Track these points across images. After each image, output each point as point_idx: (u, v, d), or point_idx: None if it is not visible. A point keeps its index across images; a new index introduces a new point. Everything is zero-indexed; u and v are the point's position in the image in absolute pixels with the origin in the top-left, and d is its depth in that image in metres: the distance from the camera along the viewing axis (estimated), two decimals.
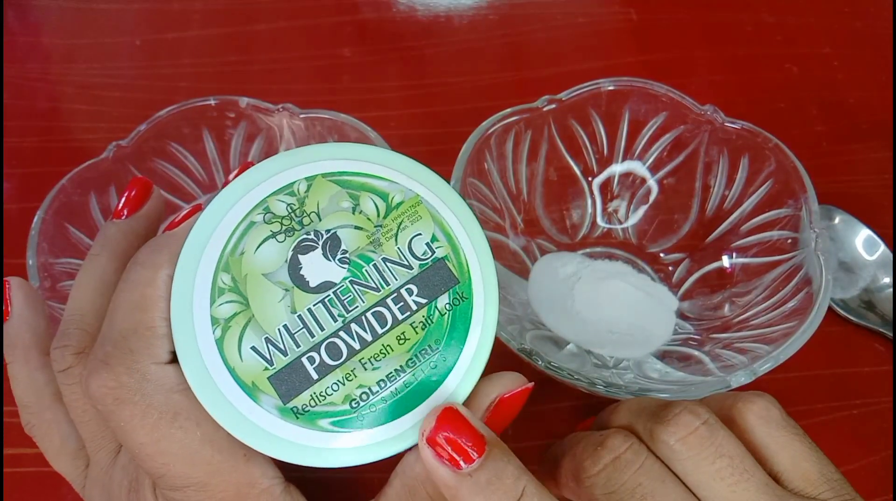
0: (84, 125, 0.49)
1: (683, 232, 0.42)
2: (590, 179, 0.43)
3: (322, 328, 0.24)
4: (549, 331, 0.38)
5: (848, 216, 0.43)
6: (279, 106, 0.38)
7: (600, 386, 0.32)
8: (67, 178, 0.36)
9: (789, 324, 0.34)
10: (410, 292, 0.24)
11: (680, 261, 0.41)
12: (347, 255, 0.25)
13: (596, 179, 0.43)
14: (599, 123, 0.41)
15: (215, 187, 0.41)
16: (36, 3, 0.55)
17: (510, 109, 0.39)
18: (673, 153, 0.41)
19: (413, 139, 0.48)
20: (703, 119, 0.40)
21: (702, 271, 0.40)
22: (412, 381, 0.24)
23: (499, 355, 0.26)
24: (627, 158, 0.42)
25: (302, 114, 0.38)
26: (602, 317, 0.39)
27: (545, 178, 0.42)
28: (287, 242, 0.24)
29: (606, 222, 0.43)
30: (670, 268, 0.41)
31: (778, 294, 0.36)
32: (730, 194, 0.40)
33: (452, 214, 0.26)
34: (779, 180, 0.38)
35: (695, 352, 0.37)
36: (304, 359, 0.24)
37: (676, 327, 0.39)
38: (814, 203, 0.36)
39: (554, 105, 0.40)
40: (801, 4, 0.55)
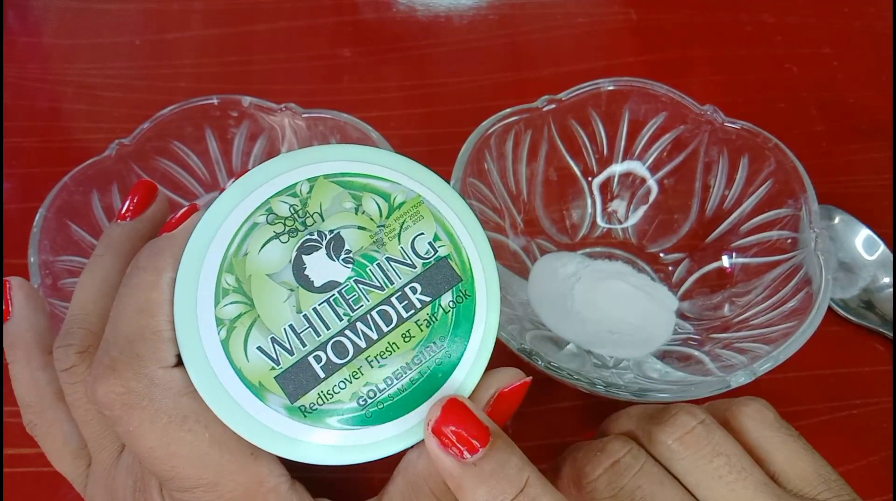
0: (84, 125, 0.49)
1: (683, 232, 0.42)
2: (590, 179, 0.43)
3: (328, 327, 0.24)
4: (549, 331, 0.38)
5: (848, 216, 0.43)
6: (282, 105, 0.38)
7: (600, 386, 0.32)
8: (69, 176, 0.36)
9: (789, 324, 0.34)
10: (414, 290, 0.25)
11: (680, 261, 0.41)
12: (351, 255, 0.25)
13: (596, 180, 0.43)
14: (599, 123, 0.41)
15: (217, 186, 0.41)
16: (36, 3, 0.55)
17: (510, 110, 0.39)
18: (673, 153, 0.41)
19: (413, 139, 0.48)
20: (703, 119, 0.40)
21: (701, 271, 0.40)
22: (418, 378, 0.24)
23: (499, 355, 0.26)
24: (627, 158, 0.42)
25: (304, 114, 0.38)
26: (602, 317, 0.39)
27: (545, 178, 0.42)
28: (291, 242, 0.25)
29: (606, 222, 0.43)
30: (670, 268, 0.41)
31: (778, 294, 0.36)
32: (730, 194, 0.40)
33: (453, 213, 0.26)
34: (778, 180, 0.38)
35: (695, 352, 0.37)
36: (311, 358, 0.24)
37: (676, 327, 0.39)
38: (813, 203, 0.36)
39: (554, 105, 0.40)
40: (801, 4, 0.56)
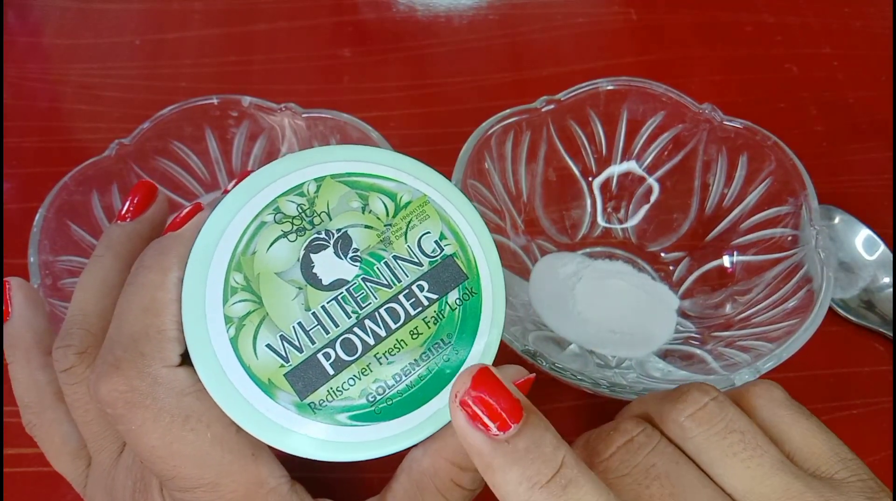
0: (84, 125, 0.49)
1: (683, 231, 0.42)
2: (589, 179, 0.43)
3: (336, 325, 0.24)
4: (551, 332, 0.38)
5: (848, 216, 0.43)
6: (282, 105, 0.39)
7: (604, 387, 0.32)
8: (69, 176, 0.36)
9: (791, 322, 0.34)
10: (421, 288, 0.25)
11: (680, 260, 0.41)
12: (359, 253, 0.25)
13: (595, 180, 0.43)
14: (598, 123, 0.41)
15: (217, 186, 0.41)
16: (36, 3, 0.55)
17: (509, 110, 0.39)
18: (672, 152, 0.41)
19: (413, 139, 0.48)
20: (702, 118, 0.40)
21: (702, 269, 0.40)
22: (426, 374, 0.25)
23: (503, 357, 0.26)
24: (626, 158, 0.42)
25: (304, 114, 0.38)
26: (603, 317, 0.39)
27: (545, 178, 0.42)
28: (298, 241, 0.25)
29: (606, 221, 0.43)
30: (671, 267, 0.41)
31: (779, 292, 0.36)
32: (729, 193, 0.40)
33: (458, 212, 0.26)
34: (778, 178, 0.38)
35: (697, 351, 0.37)
36: (320, 355, 0.24)
37: (678, 326, 0.39)
38: (813, 201, 0.36)
39: (552, 106, 0.40)
40: (801, 4, 0.56)
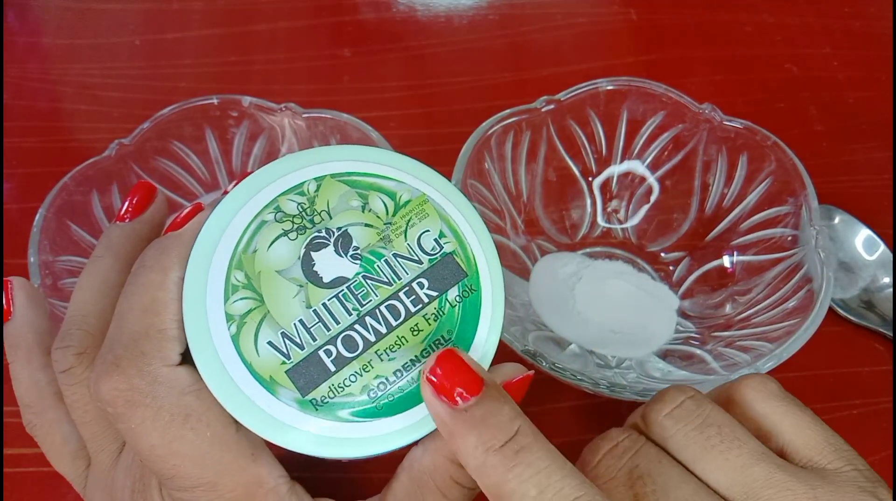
0: (84, 125, 0.49)
1: (683, 231, 0.42)
2: (589, 179, 0.43)
3: (337, 322, 0.24)
4: (551, 332, 0.38)
5: (848, 216, 0.43)
6: (282, 105, 0.39)
7: (604, 387, 0.32)
8: (69, 176, 0.36)
9: (791, 322, 0.34)
10: (422, 285, 0.25)
11: (680, 260, 0.41)
12: (359, 251, 0.25)
13: (595, 180, 0.43)
14: (598, 123, 0.41)
15: (217, 186, 0.41)
16: (36, 3, 0.55)
17: (509, 110, 0.39)
18: (672, 152, 0.41)
19: (413, 139, 0.48)
20: (702, 118, 0.40)
21: (702, 269, 0.41)
22: None
23: (503, 357, 0.26)
24: (626, 158, 0.42)
25: (304, 114, 0.38)
26: (603, 317, 0.39)
27: (544, 178, 0.42)
28: (299, 239, 0.25)
29: (606, 221, 0.43)
30: (670, 267, 0.41)
31: (779, 292, 0.36)
32: (729, 193, 0.40)
33: (457, 211, 0.26)
34: (778, 178, 0.38)
35: (697, 351, 0.37)
36: (321, 352, 0.24)
37: (678, 326, 0.39)
38: (813, 200, 0.36)
39: (552, 106, 0.40)
40: (801, 4, 0.56)
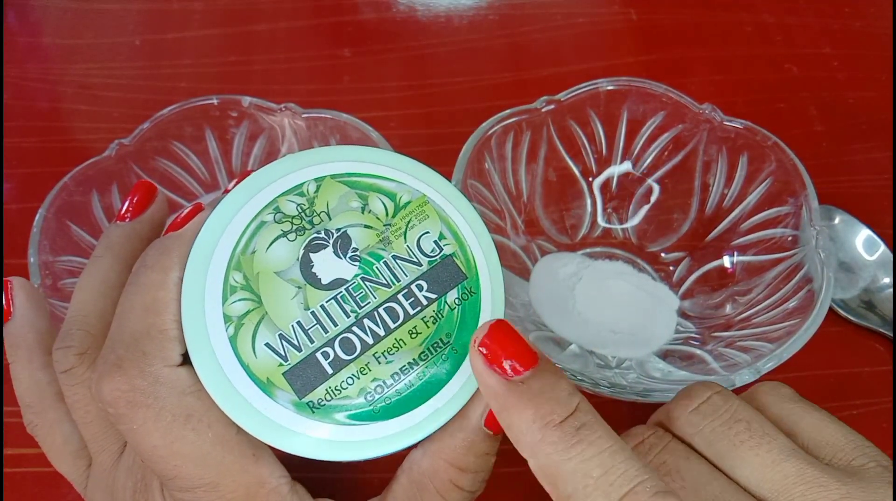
0: (84, 125, 0.49)
1: (683, 231, 0.42)
2: (589, 179, 0.43)
3: (335, 324, 0.24)
4: (551, 332, 0.38)
5: (848, 216, 0.43)
6: (282, 105, 0.39)
7: (605, 387, 0.32)
8: (69, 176, 0.36)
9: (791, 322, 0.34)
10: (421, 287, 0.25)
11: (680, 260, 0.41)
12: (358, 253, 0.25)
13: (595, 180, 0.43)
14: (598, 123, 0.41)
15: (217, 186, 0.41)
16: (36, 3, 0.55)
17: (509, 111, 0.39)
18: (672, 152, 0.41)
19: (413, 139, 0.48)
20: (702, 118, 0.40)
21: (702, 269, 0.40)
22: (426, 373, 0.25)
23: None
24: (626, 158, 0.42)
25: (304, 114, 0.38)
26: (603, 317, 0.39)
27: (545, 178, 0.42)
28: (298, 240, 0.25)
29: (606, 221, 0.43)
30: (671, 267, 0.41)
31: (779, 292, 0.36)
32: (729, 193, 0.40)
33: (458, 213, 0.26)
34: (778, 178, 0.38)
35: (697, 351, 0.37)
36: (319, 354, 0.24)
37: (678, 326, 0.39)
38: (813, 201, 0.36)
39: (552, 106, 0.40)
40: (801, 4, 0.56)
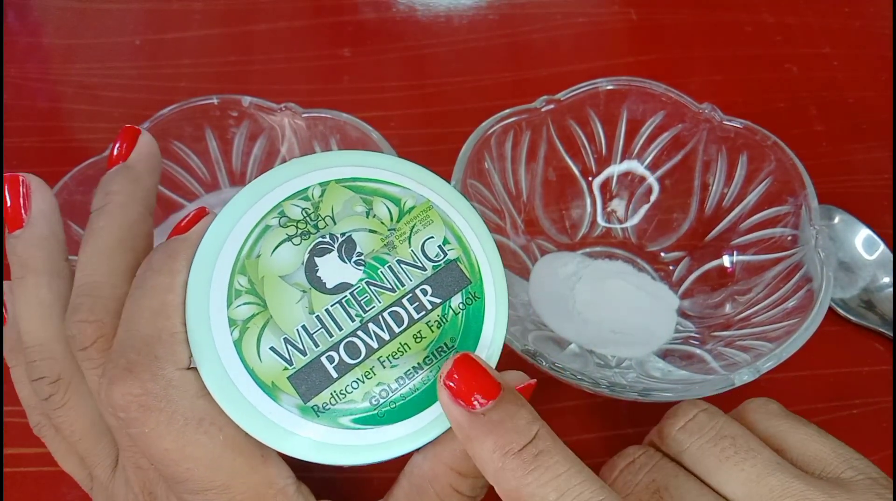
0: (84, 125, 0.49)
1: (683, 231, 0.42)
2: (589, 179, 0.43)
3: (340, 328, 0.24)
4: (551, 331, 0.38)
5: (848, 216, 0.43)
6: (282, 105, 0.39)
7: (604, 386, 0.32)
8: (70, 176, 0.36)
9: (791, 322, 0.34)
10: (425, 292, 0.25)
11: (680, 260, 0.41)
12: (363, 257, 0.25)
13: (595, 179, 0.43)
14: (598, 122, 0.41)
15: (217, 186, 0.41)
16: (36, 3, 0.55)
17: (509, 110, 0.39)
18: (671, 152, 0.41)
19: (413, 139, 0.48)
20: (702, 118, 0.40)
21: (702, 269, 0.40)
22: (430, 378, 0.25)
23: (502, 356, 0.26)
24: (626, 158, 0.42)
25: (304, 113, 0.38)
26: (603, 317, 0.39)
27: (544, 178, 0.42)
28: (303, 245, 0.25)
29: (606, 221, 0.43)
30: (670, 267, 0.41)
31: (779, 292, 0.36)
32: (728, 192, 0.40)
33: (461, 217, 0.26)
34: (778, 178, 0.38)
35: (697, 351, 0.37)
36: (324, 358, 0.24)
37: (678, 325, 0.39)
38: (813, 200, 0.36)
39: (552, 105, 0.40)
40: (801, 4, 0.56)
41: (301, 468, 0.26)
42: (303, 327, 0.24)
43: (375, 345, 0.24)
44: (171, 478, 0.24)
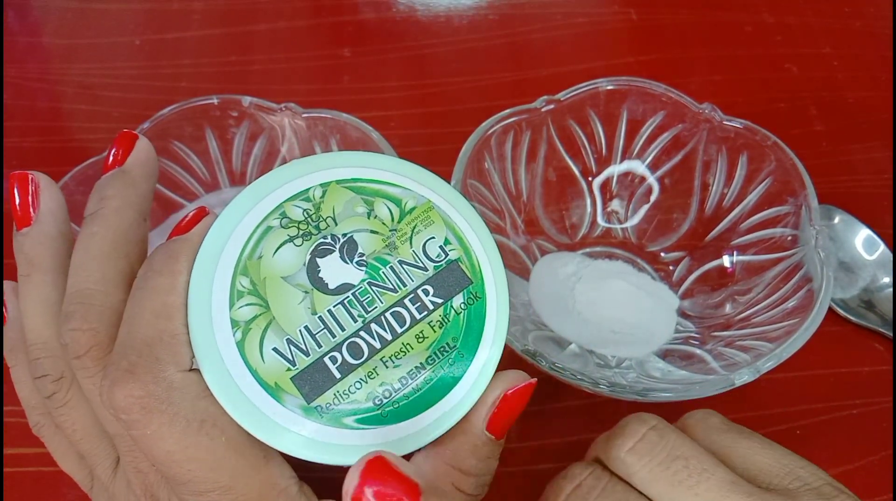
0: (84, 125, 0.49)
1: (683, 231, 0.42)
2: (589, 179, 0.43)
3: (343, 329, 0.24)
4: (551, 331, 0.38)
5: (848, 216, 0.43)
6: (282, 105, 0.39)
7: (604, 387, 0.32)
8: (69, 176, 0.36)
9: (791, 322, 0.34)
10: (427, 292, 0.25)
11: (680, 260, 0.41)
12: (364, 258, 0.25)
13: (595, 179, 0.43)
14: (598, 123, 0.41)
15: (218, 186, 0.41)
16: (36, 3, 0.55)
17: (509, 110, 0.39)
18: (671, 152, 0.41)
19: (413, 139, 0.48)
20: (702, 118, 0.40)
21: (702, 269, 0.41)
22: (432, 377, 0.25)
23: (502, 355, 0.26)
24: (626, 158, 0.42)
25: (304, 113, 0.38)
26: (603, 317, 0.39)
27: (544, 178, 0.42)
28: (305, 245, 0.25)
29: (606, 221, 0.43)
30: (670, 267, 0.41)
31: (779, 292, 0.36)
32: (728, 192, 0.40)
33: (462, 218, 0.26)
34: (778, 178, 0.38)
35: (697, 351, 0.37)
36: (327, 359, 0.24)
37: (678, 325, 0.39)
38: (813, 200, 0.36)
39: (552, 105, 0.40)
40: (801, 4, 0.56)
41: (303, 468, 0.26)
42: (305, 327, 0.24)
43: (378, 345, 0.24)
44: (174, 480, 0.24)
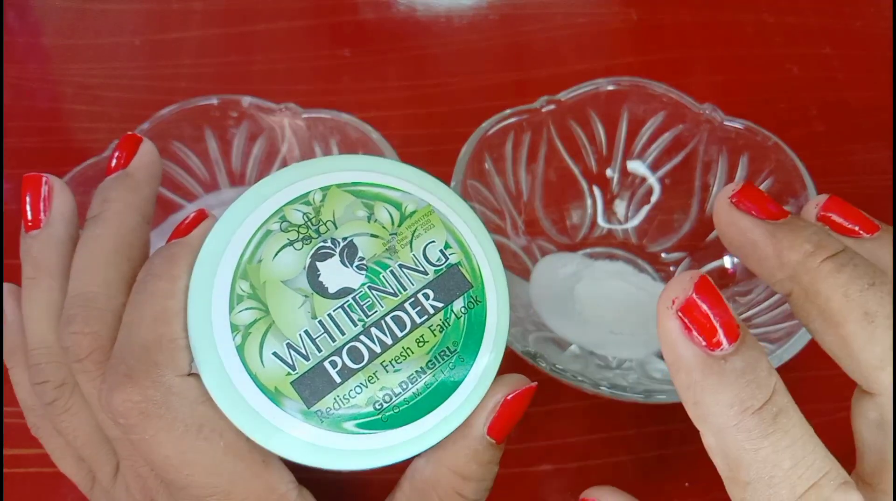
0: (84, 125, 0.49)
1: (683, 231, 0.42)
2: (589, 179, 0.43)
3: (343, 333, 0.24)
4: (552, 333, 0.38)
5: None
6: (281, 105, 0.39)
7: (605, 388, 0.32)
8: (69, 176, 0.36)
9: (792, 323, 0.34)
10: (427, 296, 0.25)
11: (681, 260, 0.41)
12: (364, 262, 0.25)
13: (595, 180, 0.43)
14: (598, 123, 0.41)
15: (217, 186, 0.41)
16: (36, 3, 0.55)
17: (509, 111, 0.39)
18: (672, 152, 0.41)
19: (413, 140, 0.48)
20: (703, 118, 0.40)
21: (703, 270, 0.40)
22: (433, 382, 0.25)
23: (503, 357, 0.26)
24: (627, 158, 0.42)
25: (304, 114, 0.38)
26: (604, 318, 0.39)
27: (545, 179, 0.42)
28: (305, 249, 0.25)
29: (606, 222, 0.43)
30: (671, 268, 0.41)
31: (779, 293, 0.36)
32: None
33: (462, 222, 0.26)
34: (779, 178, 0.38)
35: None
36: (327, 363, 0.24)
37: None
38: None
39: (553, 106, 0.40)
40: (801, 4, 0.56)
41: (302, 471, 0.26)
42: (305, 331, 0.24)
43: (378, 349, 0.24)
44: (173, 484, 0.24)
